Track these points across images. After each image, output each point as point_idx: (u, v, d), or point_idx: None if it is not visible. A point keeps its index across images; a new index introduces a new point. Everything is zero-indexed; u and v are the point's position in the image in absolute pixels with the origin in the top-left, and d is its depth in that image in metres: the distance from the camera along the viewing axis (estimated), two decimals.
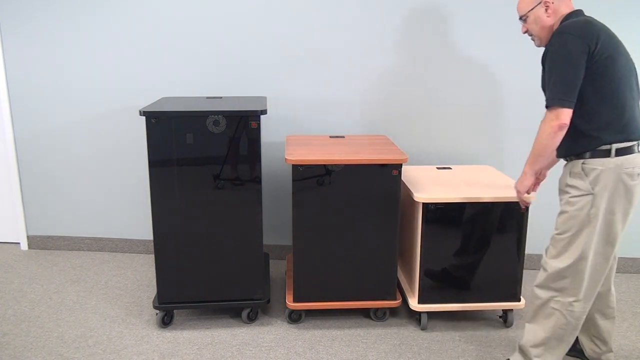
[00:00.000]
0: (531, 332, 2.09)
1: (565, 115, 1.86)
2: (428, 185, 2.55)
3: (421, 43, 3.04)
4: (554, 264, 2.00)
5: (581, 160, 1.93)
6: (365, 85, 3.12)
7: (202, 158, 2.39)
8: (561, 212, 2.00)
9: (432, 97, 3.11)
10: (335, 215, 2.47)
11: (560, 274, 1.99)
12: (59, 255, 3.41)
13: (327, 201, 2.45)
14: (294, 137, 2.89)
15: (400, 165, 2.42)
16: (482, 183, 2.60)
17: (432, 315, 2.68)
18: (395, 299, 2.59)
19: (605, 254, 1.96)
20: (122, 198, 3.38)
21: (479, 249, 2.49)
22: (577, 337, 2.26)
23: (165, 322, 2.57)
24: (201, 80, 3.17)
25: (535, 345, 2.07)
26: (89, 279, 3.07)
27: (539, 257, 3.27)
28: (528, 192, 2.13)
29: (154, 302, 2.54)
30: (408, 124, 3.16)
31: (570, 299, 1.98)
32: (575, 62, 1.85)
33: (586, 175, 1.92)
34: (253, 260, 2.52)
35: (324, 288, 2.55)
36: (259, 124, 2.38)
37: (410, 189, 2.49)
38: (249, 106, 2.46)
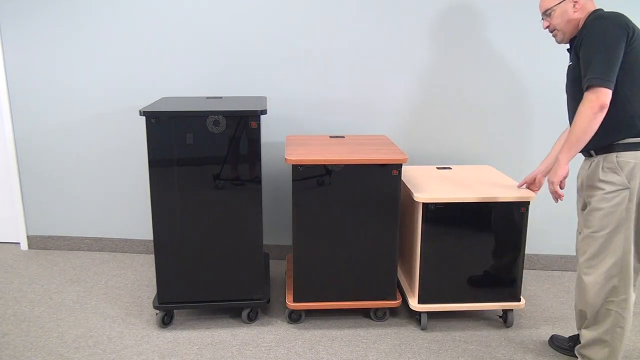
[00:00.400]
0: (589, 336, 2.08)
1: (605, 95, 1.85)
2: (428, 185, 2.55)
3: (421, 43, 3.04)
4: (599, 265, 1.98)
5: (614, 154, 1.93)
6: (365, 85, 3.12)
7: (202, 158, 2.39)
8: (594, 209, 1.98)
9: (433, 97, 3.11)
10: (335, 215, 2.47)
11: (609, 274, 1.98)
12: (59, 255, 3.41)
13: (327, 201, 2.45)
14: (294, 137, 2.89)
15: (400, 165, 2.42)
16: (482, 183, 2.60)
17: (432, 315, 2.68)
18: (395, 299, 2.59)
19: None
20: (122, 198, 3.38)
21: (487, 249, 2.49)
22: (577, 335, 2.27)
23: (165, 322, 2.57)
24: (201, 80, 3.17)
25: (600, 348, 2.06)
26: (89, 279, 3.07)
27: (539, 257, 3.26)
28: (561, 187, 2.06)
29: (154, 302, 2.54)
30: (408, 124, 3.16)
31: (623, 296, 1.98)
32: (616, 45, 1.86)
33: (621, 169, 1.92)
34: (253, 260, 2.52)
35: (324, 288, 2.55)
36: (259, 124, 2.38)
37: (410, 189, 2.49)
38: (249, 106, 2.46)
